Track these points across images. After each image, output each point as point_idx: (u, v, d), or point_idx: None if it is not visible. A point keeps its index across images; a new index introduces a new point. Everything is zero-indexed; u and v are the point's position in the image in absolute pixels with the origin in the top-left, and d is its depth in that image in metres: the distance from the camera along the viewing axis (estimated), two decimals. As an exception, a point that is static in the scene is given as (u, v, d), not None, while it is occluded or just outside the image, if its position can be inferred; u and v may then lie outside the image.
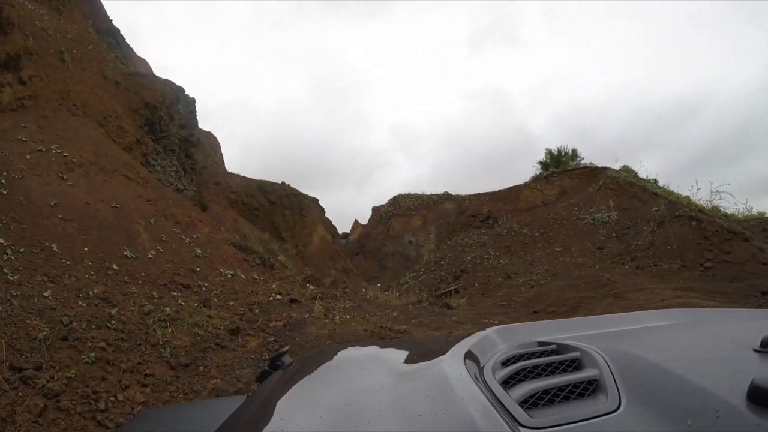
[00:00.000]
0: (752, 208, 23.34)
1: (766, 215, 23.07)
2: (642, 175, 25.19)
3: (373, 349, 1.72)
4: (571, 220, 23.59)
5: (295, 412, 1.10)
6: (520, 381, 0.98)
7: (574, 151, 30.17)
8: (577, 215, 23.61)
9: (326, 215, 28.17)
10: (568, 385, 0.91)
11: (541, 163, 30.64)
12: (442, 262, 23.09)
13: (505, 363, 1.09)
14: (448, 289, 18.26)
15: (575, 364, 1.02)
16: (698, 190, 21.93)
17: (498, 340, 1.29)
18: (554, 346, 1.14)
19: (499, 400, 0.89)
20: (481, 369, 1.08)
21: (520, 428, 0.80)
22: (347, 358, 1.55)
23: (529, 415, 0.83)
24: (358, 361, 1.50)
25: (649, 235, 21.22)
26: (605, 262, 20.21)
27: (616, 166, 25.79)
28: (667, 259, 18.95)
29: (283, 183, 26.91)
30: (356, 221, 34.00)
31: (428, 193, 31.61)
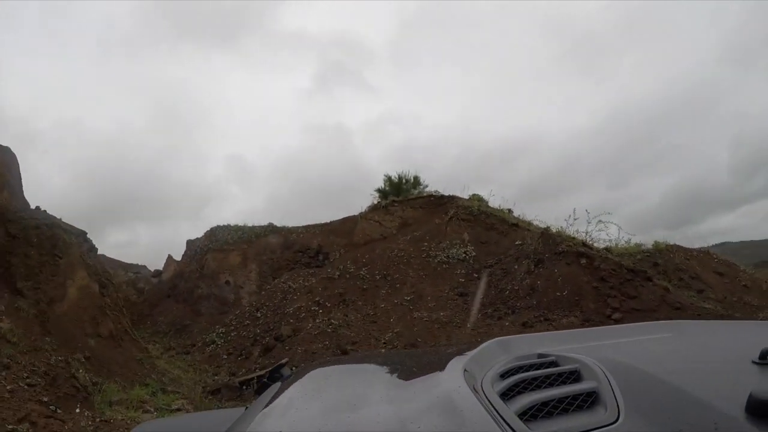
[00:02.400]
0: (629, 239, 18.99)
1: (642, 246, 20.18)
2: (493, 205, 22.25)
3: (372, 361, 1.78)
4: (420, 258, 19.03)
5: (293, 423, 1.08)
6: (519, 393, 0.96)
7: (416, 178, 26.24)
8: (426, 251, 19.26)
9: (99, 254, 19.18)
10: (567, 397, 0.90)
11: (379, 190, 26.16)
12: (259, 314, 18.01)
13: (504, 375, 1.07)
14: (249, 377, 11.16)
15: (574, 376, 1.00)
16: (575, 220, 16.90)
17: (497, 352, 1.28)
18: (553, 358, 1.12)
19: (498, 413, 0.87)
20: (480, 381, 1.06)
21: None
22: (346, 370, 1.59)
23: (528, 427, 0.82)
24: (358, 373, 1.55)
25: (526, 276, 16.27)
26: (475, 317, 14.28)
27: (465, 195, 22.55)
28: (560, 310, 13.65)
29: (37, 208, 17.63)
30: (170, 256, 27.69)
31: (250, 224, 26.70)
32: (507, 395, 0.95)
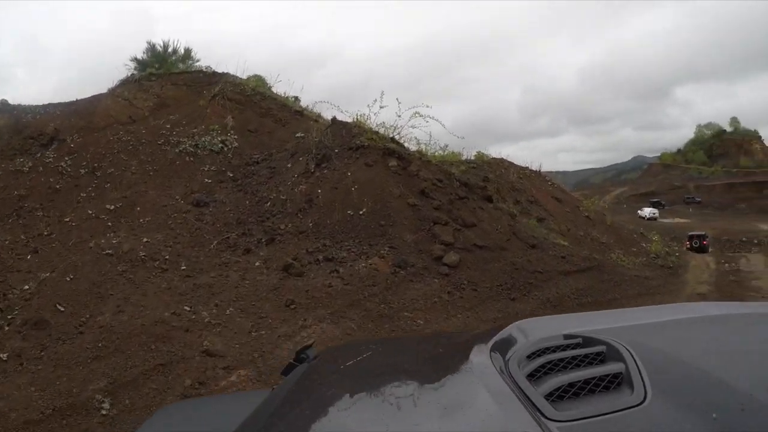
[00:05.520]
0: (446, 144, 13.82)
1: (462, 156, 15.43)
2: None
3: (399, 343, 1.90)
4: (156, 146, 13.03)
5: (320, 405, 1.07)
6: (546, 374, 0.94)
7: (188, 50, 19.70)
8: (166, 138, 13.31)
9: None
10: (593, 379, 0.88)
11: (136, 60, 19.09)
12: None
13: (531, 356, 1.03)
14: None
15: (600, 358, 0.98)
16: (381, 108, 10.87)
17: (523, 334, 1.22)
18: (580, 339, 1.08)
19: (524, 393, 0.86)
20: (506, 362, 1.02)
21: (546, 421, 0.77)
22: (373, 352, 1.50)
23: (554, 408, 0.81)
24: (384, 354, 1.50)
25: (302, 180, 11.05)
26: (209, 247, 7.87)
27: (245, 75, 17.44)
28: (353, 241, 7.45)
29: None
30: None
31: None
32: (533, 376, 0.93)
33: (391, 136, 11.15)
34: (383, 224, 8.70)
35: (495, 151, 18.48)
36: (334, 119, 12.43)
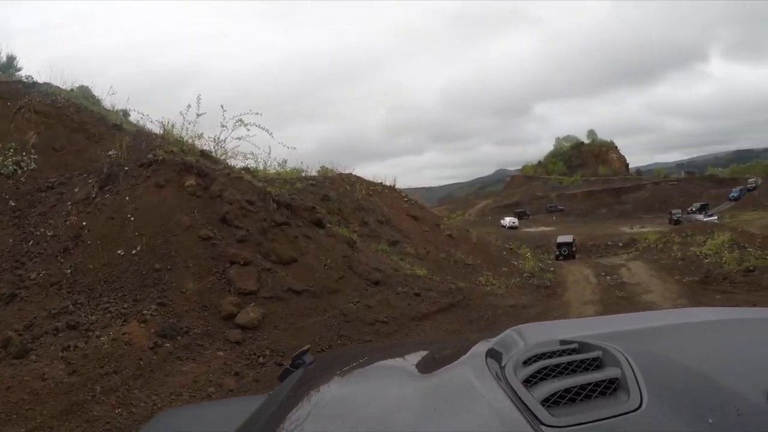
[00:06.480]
0: (285, 160, 11.83)
1: (305, 172, 13.91)
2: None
3: (394, 349, 1.77)
4: None
5: (316, 411, 1.07)
6: (542, 380, 0.92)
7: (11, 58, 16.34)
8: None
9: None
10: (589, 384, 0.86)
11: None
12: None
13: (527, 362, 1.01)
14: None
15: (596, 363, 0.96)
16: (200, 116, 8.24)
17: (519, 339, 1.19)
18: (576, 344, 1.06)
19: (521, 399, 0.85)
20: (502, 368, 1.01)
21: (542, 427, 0.77)
22: (369, 358, 1.51)
23: (550, 414, 0.79)
24: (380, 360, 1.48)
25: (77, 210, 8.18)
26: None
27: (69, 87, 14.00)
28: (117, 294, 6.53)
29: None
30: None
31: None
32: (530, 382, 0.91)
33: (202, 148, 8.63)
34: (158, 268, 6.15)
35: (363, 171, 16.57)
36: (140, 130, 9.74)
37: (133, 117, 14.63)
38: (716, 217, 42.76)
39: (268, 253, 6.74)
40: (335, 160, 15.52)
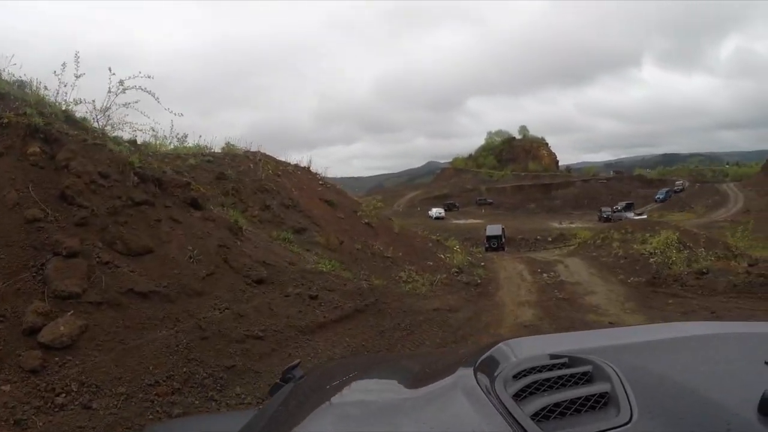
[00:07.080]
0: (185, 134, 9.98)
1: (209, 149, 12.73)
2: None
3: (384, 363, 1.80)
4: None
5: (306, 424, 1.06)
6: (532, 394, 0.94)
7: None
8: None
9: None
10: (579, 398, 0.88)
11: None
12: None
13: (517, 376, 1.03)
14: None
15: (587, 377, 0.98)
16: (79, 78, 6.55)
17: (509, 353, 1.21)
18: (566, 359, 1.07)
19: (510, 414, 0.86)
20: (492, 382, 1.02)
21: None
22: (359, 371, 1.50)
23: (540, 428, 0.80)
24: (370, 374, 1.48)
25: None
26: None
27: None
28: None
29: None
30: None
31: None
32: (519, 396, 0.92)
33: (80, 117, 6.96)
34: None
35: (294, 158, 15.11)
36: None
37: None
38: (646, 216, 43.43)
39: (113, 241, 5.16)
40: (264, 146, 14.12)
